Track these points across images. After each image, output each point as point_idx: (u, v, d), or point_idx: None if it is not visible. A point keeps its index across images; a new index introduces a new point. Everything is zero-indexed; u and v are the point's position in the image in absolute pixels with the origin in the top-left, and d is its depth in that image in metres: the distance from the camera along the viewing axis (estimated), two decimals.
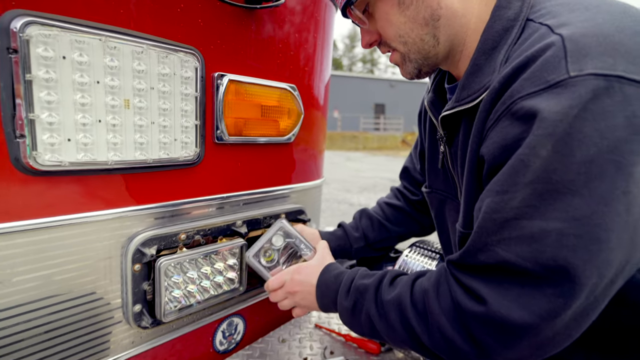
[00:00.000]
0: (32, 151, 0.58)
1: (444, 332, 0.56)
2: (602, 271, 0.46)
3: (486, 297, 0.51)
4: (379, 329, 0.67)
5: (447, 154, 0.75)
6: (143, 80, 0.68)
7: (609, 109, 0.44)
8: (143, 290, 0.75)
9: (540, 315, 0.47)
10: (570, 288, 0.46)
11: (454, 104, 0.65)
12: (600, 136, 0.44)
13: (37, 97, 0.57)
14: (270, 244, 0.87)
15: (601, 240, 0.45)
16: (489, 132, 0.55)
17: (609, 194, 0.45)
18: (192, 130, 0.78)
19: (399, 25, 0.65)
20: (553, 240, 0.46)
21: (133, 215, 0.72)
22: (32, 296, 0.62)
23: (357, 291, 0.71)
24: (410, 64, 0.70)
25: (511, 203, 0.49)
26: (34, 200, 0.60)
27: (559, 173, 0.46)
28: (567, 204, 0.46)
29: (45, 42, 0.56)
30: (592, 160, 0.45)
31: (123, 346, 0.76)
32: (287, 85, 0.97)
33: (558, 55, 0.47)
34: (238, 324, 1.01)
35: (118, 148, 0.67)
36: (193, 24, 0.76)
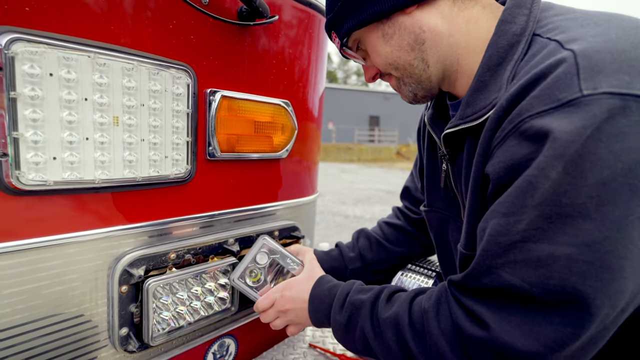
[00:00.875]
0: (15, 170, 0.56)
1: (443, 355, 0.54)
2: (614, 302, 0.44)
3: (489, 322, 0.50)
4: (373, 347, 0.65)
5: (449, 172, 0.73)
6: (133, 97, 0.67)
7: (624, 129, 0.42)
8: (130, 313, 0.72)
9: (546, 345, 0.46)
10: (580, 318, 0.44)
11: (458, 122, 0.63)
12: (614, 158, 0.42)
13: (22, 115, 0.55)
14: (255, 263, 0.84)
15: (613, 268, 0.43)
16: (495, 150, 0.53)
17: (623, 220, 0.43)
18: (184, 147, 0.77)
19: (387, 55, 0.67)
20: (562, 266, 0.44)
21: (120, 234, 0.70)
22: (13, 321, 0.59)
23: (352, 306, 0.69)
24: (405, 88, 0.71)
25: (517, 226, 0.48)
26: (16, 221, 0.58)
27: (569, 196, 0.44)
28: (578, 228, 0.44)
29: (31, 59, 0.55)
30: (605, 184, 0.43)
31: None
32: (281, 101, 0.96)
33: (570, 72, 0.45)
34: (230, 345, 0.98)
35: (106, 166, 0.65)
36: (185, 40, 0.75)
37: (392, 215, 1.09)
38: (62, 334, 0.65)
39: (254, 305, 0.82)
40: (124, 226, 0.70)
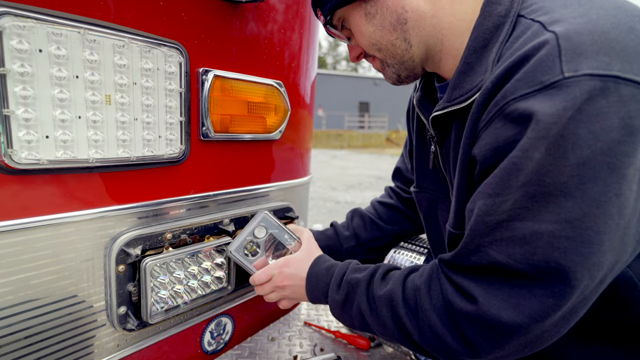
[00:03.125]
0: (7, 149, 0.55)
1: (435, 330, 0.57)
2: (593, 273, 0.47)
3: (477, 297, 0.52)
4: (370, 323, 0.67)
5: (438, 154, 0.74)
6: (125, 75, 0.66)
7: (604, 110, 0.43)
8: (128, 292, 0.73)
9: (530, 316, 0.48)
10: (562, 290, 0.47)
11: (445, 104, 0.64)
12: (594, 138, 0.44)
13: (12, 92, 0.54)
14: (253, 237, 0.85)
15: (593, 242, 0.45)
16: (481, 132, 0.54)
17: (602, 197, 0.45)
18: (177, 127, 0.76)
19: (370, 35, 0.67)
20: (545, 242, 0.46)
21: (116, 214, 0.70)
22: (9, 301, 0.59)
23: (348, 285, 0.70)
24: (389, 69, 0.71)
25: (503, 206, 0.49)
26: (10, 200, 0.57)
27: (551, 176, 0.46)
28: (560, 206, 0.46)
29: (19, 34, 0.54)
30: (586, 163, 0.44)
31: (108, 349, 0.74)
32: (274, 82, 0.96)
33: (552, 54, 0.46)
34: (226, 324, 0.99)
35: (99, 145, 0.65)
36: (176, 17, 0.74)
37: (384, 195, 1.11)
38: (59, 314, 0.66)
39: (250, 278, 0.83)
40: (120, 206, 0.70)
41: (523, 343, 0.51)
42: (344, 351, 1.02)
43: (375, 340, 1.05)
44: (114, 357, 0.75)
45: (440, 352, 0.58)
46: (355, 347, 1.04)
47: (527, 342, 0.50)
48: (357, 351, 1.03)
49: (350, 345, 1.05)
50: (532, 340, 0.50)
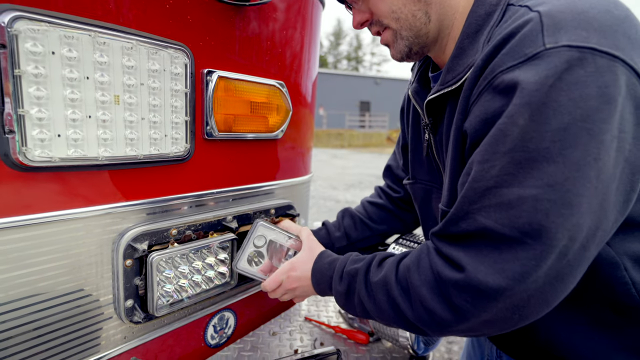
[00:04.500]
0: (21, 147, 0.57)
1: (425, 304, 0.58)
2: (572, 234, 0.49)
3: (465, 265, 0.54)
4: (368, 309, 0.70)
5: (431, 142, 0.77)
6: (133, 76, 0.69)
7: (582, 79, 0.47)
8: (135, 286, 0.75)
9: (513, 277, 0.50)
10: (541, 249, 0.49)
11: (439, 87, 0.67)
12: (574, 105, 0.47)
13: (27, 93, 0.57)
14: (254, 247, 0.89)
15: (573, 204, 0.48)
16: (472, 107, 0.57)
17: (581, 161, 0.47)
18: (182, 126, 0.79)
19: (392, 1, 0.67)
20: (529, 206, 0.49)
21: (124, 211, 0.73)
22: (22, 293, 0.62)
23: (349, 275, 0.73)
24: (402, 42, 0.71)
25: (491, 172, 0.52)
26: (23, 196, 0.60)
27: (535, 141, 0.48)
28: (543, 171, 0.48)
29: (34, 37, 0.56)
30: (566, 129, 0.47)
31: (115, 341, 0.76)
32: (276, 82, 0.98)
33: (535, 29, 0.50)
34: (229, 318, 1.02)
35: (108, 144, 0.67)
36: (182, 20, 0.76)
37: (374, 195, 1.14)
38: (69, 306, 0.68)
39: (262, 285, 0.86)
40: (127, 203, 0.73)
41: (510, 307, 0.52)
42: (344, 346, 1.05)
43: (374, 335, 1.08)
44: (121, 348, 0.77)
45: (433, 327, 0.59)
46: (355, 342, 1.07)
47: (514, 305, 0.52)
48: (356, 346, 1.05)
49: (350, 340, 1.07)
50: (519, 304, 0.52)
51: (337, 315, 1.20)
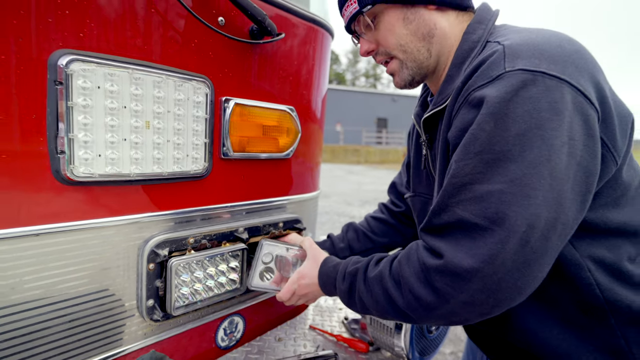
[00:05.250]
0: (69, 165, 0.69)
1: (414, 291, 0.66)
2: (531, 222, 0.57)
3: (444, 252, 0.62)
4: (367, 302, 0.77)
5: (428, 156, 0.88)
6: (161, 105, 0.80)
7: (534, 95, 0.58)
8: (156, 287, 0.85)
9: (483, 260, 0.58)
10: (505, 235, 0.57)
11: (432, 107, 0.80)
12: (528, 115, 0.57)
13: (76, 120, 0.68)
14: (263, 264, 0.99)
15: (530, 196, 0.57)
16: (453, 120, 0.69)
17: (536, 160, 0.57)
18: (202, 147, 0.89)
19: (401, 36, 0.79)
20: (496, 199, 0.58)
21: (149, 220, 0.83)
22: (57, 290, 0.73)
23: (350, 275, 0.81)
24: (406, 71, 0.83)
25: (465, 169, 0.62)
26: (67, 206, 0.71)
27: (499, 144, 0.59)
28: (506, 169, 0.58)
29: (84, 75, 0.68)
30: (524, 134, 0.57)
31: (136, 337, 0.86)
32: (287, 107, 1.09)
33: (499, 57, 0.63)
34: (238, 323, 1.10)
35: (139, 162, 0.78)
36: (205, 55, 0.88)
37: (377, 210, 1.24)
38: (98, 303, 0.78)
39: (277, 297, 0.96)
40: (152, 213, 0.83)
41: (483, 289, 0.59)
42: (345, 353, 1.11)
43: (374, 344, 1.14)
44: (141, 344, 0.87)
45: (420, 311, 0.67)
46: (355, 350, 1.13)
47: (486, 288, 0.59)
48: (356, 354, 1.11)
49: (351, 349, 1.13)
50: (492, 286, 0.58)
51: (340, 325, 1.27)
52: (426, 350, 1.05)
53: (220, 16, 0.89)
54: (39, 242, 0.68)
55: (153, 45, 0.79)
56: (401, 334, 0.97)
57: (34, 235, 0.68)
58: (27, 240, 0.67)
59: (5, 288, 0.66)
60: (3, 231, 0.64)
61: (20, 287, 0.67)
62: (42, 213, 0.68)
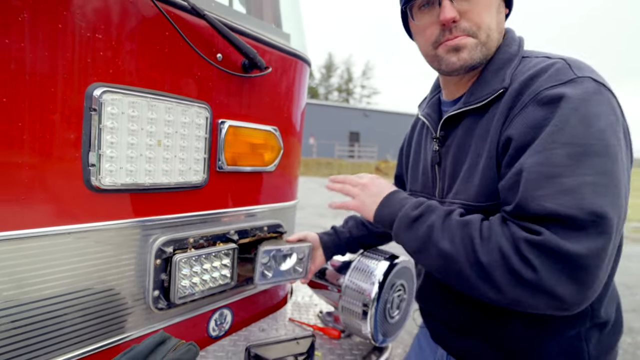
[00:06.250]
0: (98, 175, 0.84)
1: (503, 251, 0.63)
2: (619, 213, 0.60)
3: (542, 232, 0.60)
4: (434, 238, 0.73)
5: (439, 152, 0.89)
6: (171, 126, 0.97)
7: (604, 100, 0.65)
8: (161, 280, 1.00)
9: (590, 249, 0.57)
10: (607, 226, 0.58)
11: (462, 106, 0.81)
12: (606, 115, 0.63)
13: (105, 140, 0.84)
14: (263, 266, 1.15)
15: (618, 188, 0.60)
16: (515, 118, 0.70)
17: (617, 155, 0.61)
18: (202, 161, 1.06)
19: (492, 20, 0.79)
20: (589, 190, 0.59)
21: (158, 222, 0.99)
22: (84, 280, 0.87)
23: (428, 207, 0.79)
24: (479, 53, 0.78)
25: (552, 159, 0.62)
26: (96, 210, 0.86)
27: (584, 139, 0.61)
28: (594, 162, 0.60)
29: (113, 103, 0.85)
30: (605, 130, 0.62)
31: (142, 323, 1.00)
32: (271, 128, 1.28)
33: (565, 67, 0.69)
34: (227, 315, 1.26)
35: (151, 174, 0.95)
36: (206, 85, 1.06)
37: None
38: (112, 292, 0.93)
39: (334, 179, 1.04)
40: (161, 216, 0.99)
41: (577, 278, 0.58)
42: (320, 340, 1.29)
43: (345, 332, 1.32)
44: (147, 329, 1.01)
45: (499, 271, 0.63)
46: (329, 337, 1.31)
47: (579, 277, 0.58)
48: (330, 340, 1.29)
49: (325, 336, 1.31)
50: (585, 278, 0.58)
51: (316, 318, 1.45)
52: (388, 334, 1.25)
53: (219, 53, 1.08)
54: (68, 239, 0.83)
55: (165, 78, 0.96)
56: (367, 319, 1.16)
57: (67, 234, 0.82)
58: (61, 237, 0.81)
59: (47, 276, 0.80)
60: (43, 229, 0.79)
61: (57, 276, 0.82)
62: (75, 215, 0.83)
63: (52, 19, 0.75)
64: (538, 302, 0.61)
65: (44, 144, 0.77)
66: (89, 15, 0.81)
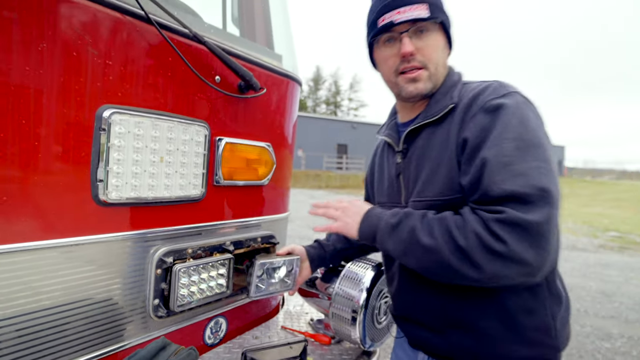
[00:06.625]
0: (105, 190, 0.90)
1: (478, 234, 0.77)
2: (557, 188, 0.77)
3: (504, 210, 0.75)
4: (418, 236, 0.85)
5: (402, 164, 1.04)
6: (172, 144, 1.04)
7: (530, 107, 0.85)
8: (161, 289, 1.05)
9: (543, 217, 0.72)
10: (553, 200, 0.74)
11: (422, 120, 0.98)
12: (535, 117, 0.84)
13: (112, 157, 0.91)
14: (257, 278, 1.22)
15: (553, 171, 0.78)
16: (468, 123, 0.88)
17: (548, 147, 0.80)
18: (200, 176, 1.13)
19: (439, 57, 0.98)
20: (536, 173, 0.76)
21: (158, 234, 1.05)
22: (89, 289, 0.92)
23: (403, 214, 0.92)
24: (429, 84, 0.97)
25: (503, 151, 0.79)
26: (102, 223, 0.92)
27: (525, 135, 0.80)
28: (536, 152, 0.78)
29: (120, 123, 0.91)
30: (537, 129, 0.82)
31: (142, 330, 1.05)
32: (265, 144, 1.36)
33: (500, 85, 0.90)
34: (222, 323, 1.31)
35: (154, 188, 1.01)
36: (204, 105, 1.14)
37: None
38: (115, 301, 0.98)
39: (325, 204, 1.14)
40: (162, 228, 1.05)
41: (537, 244, 0.72)
42: (311, 346, 1.34)
43: (335, 338, 1.38)
44: (147, 337, 1.06)
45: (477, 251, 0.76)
46: (320, 343, 1.37)
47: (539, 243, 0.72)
48: (320, 346, 1.35)
49: (316, 342, 1.37)
50: (543, 244, 0.73)
51: (307, 325, 1.50)
52: (376, 338, 1.31)
53: (217, 75, 1.16)
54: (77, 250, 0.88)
55: (168, 99, 1.03)
56: (356, 324, 1.23)
57: (76, 245, 0.88)
58: (71, 248, 0.87)
59: (56, 285, 0.85)
60: (54, 241, 0.84)
61: (66, 286, 0.87)
62: (83, 227, 0.89)
63: (67, 48, 0.82)
64: (511, 272, 0.75)
65: (57, 162, 0.83)
66: (100, 44, 0.88)
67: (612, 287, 5.32)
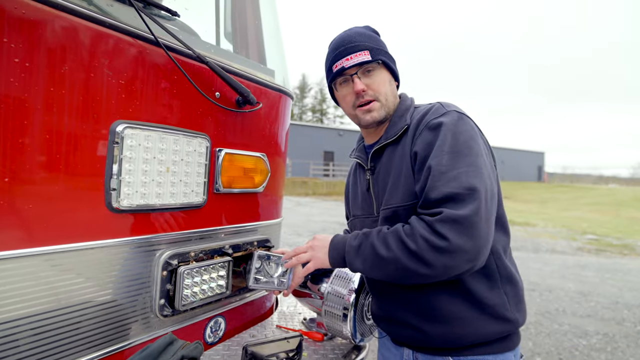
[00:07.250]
0: (118, 198, 0.99)
1: (424, 236, 0.90)
2: (485, 188, 0.92)
3: (442, 210, 0.90)
4: (378, 250, 0.97)
5: (371, 180, 1.19)
6: (177, 155, 1.13)
7: (466, 122, 1.00)
8: (167, 290, 1.13)
9: (472, 210, 0.87)
10: (479, 195, 0.89)
11: (384, 141, 1.13)
12: (467, 132, 0.98)
13: (124, 167, 0.99)
14: (255, 269, 1.29)
15: (482, 172, 0.93)
16: (417, 140, 1.04)
17: (479, 153, 0.96)
18: (202, 185, 1.22)
19: (387, 89, 1.14)
20: (465, 175, 0.91)
21: (165, 238, 1.13)
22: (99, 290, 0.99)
23: (363, 235, 1.05)
24: (383, 112, 1.14)
25: (442, 161, 0.95)
26: (115, 228, 1.00)
27: (457, 146, 0.95)
28: (466, 159, 0.94)
29: (132, 137, 1.00)
30: (468, 140, 0.97)
31: (148, 329, 1.12)
32: (260, 154, 1.46)
33: (440, 106, 1.06)
34: (221, 323, 1.39)
35: (161, 197, 1.10)
36: (206, 119, 1.23)
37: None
38: (125, 301, 1.05)
39: (293, 250, 1.22)
40: (167, 233, 1.14)
41: (472, 234, 0.86)
42: (305, 342, 1.43)
43: (328, 335, 1.48)
44: (152, 335, 1.13)
45: (428, 250, 0.88)
46: (313, 340, 1.46)
47: (474, 234, 0.86)
48: (314, 342, 1.44)
49: (309, 339, 1.46)
50: (476, 233, 0.87)
51: (301, 324, 1.59)
52: (365, 333, 1.41)
53: (217, 91, 1.26)
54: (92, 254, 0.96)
55: (173, 114, 1.13)
56: (347, 321, 1.33)
57: (91, 249, 0.96)
58: (87, 252, 0.95)
59: (71, 286, 0.92)
60: (69, 245, 0.92)
61: (82, 286, 0.94)
62: (97, 232, 0.97)
63: (86, 70, 0.91)
64: (458, 262, 0.88)
65: (77, 172, 0.92)
66: (115, 65, 0.97)
67: (589, 287, 5.56)
